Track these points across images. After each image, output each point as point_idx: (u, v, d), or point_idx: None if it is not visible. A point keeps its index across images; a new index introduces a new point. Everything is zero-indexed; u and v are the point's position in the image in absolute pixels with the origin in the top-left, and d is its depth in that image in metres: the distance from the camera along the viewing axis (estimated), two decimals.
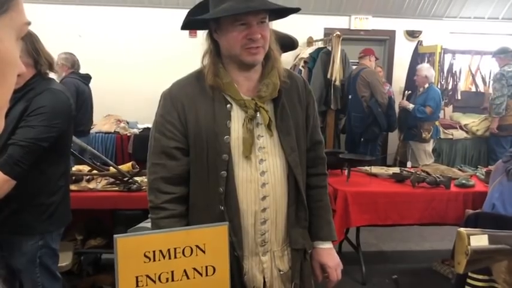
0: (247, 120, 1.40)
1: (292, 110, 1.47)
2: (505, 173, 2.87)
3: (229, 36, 1.35)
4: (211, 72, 1.40)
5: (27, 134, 1.89)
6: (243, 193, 1.41)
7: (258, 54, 1.37)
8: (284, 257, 1.52)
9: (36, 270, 2.06)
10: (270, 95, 1.42)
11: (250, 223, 1.43)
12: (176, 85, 1.49)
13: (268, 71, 1.44)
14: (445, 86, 6.44)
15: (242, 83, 1.43)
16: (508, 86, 5.46)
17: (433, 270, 3.83)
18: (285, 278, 1.52)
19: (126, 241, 1.12)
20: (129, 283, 1.12)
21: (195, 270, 1.18)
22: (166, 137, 1.42)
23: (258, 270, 1.48)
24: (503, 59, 5.59)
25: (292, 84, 1.50)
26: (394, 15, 6.92)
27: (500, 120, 5.56)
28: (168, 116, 1.43)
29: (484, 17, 7.11)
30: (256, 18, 1.34)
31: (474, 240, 1.22)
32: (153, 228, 1.41)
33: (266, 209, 1.43)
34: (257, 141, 1.42)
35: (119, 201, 2.98)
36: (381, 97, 5.16)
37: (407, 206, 3.39)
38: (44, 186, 2.05)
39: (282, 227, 1.49)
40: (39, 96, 1.96)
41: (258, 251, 1.47)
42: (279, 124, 1.44)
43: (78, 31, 6.34)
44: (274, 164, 1.44)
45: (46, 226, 2.07)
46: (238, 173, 1.40)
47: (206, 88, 1.41)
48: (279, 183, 1.44)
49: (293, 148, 1.45)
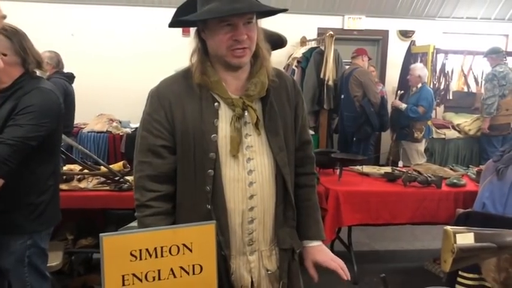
0: (235, 119, 1.39)
1: (281, 109, 1.47)
2: (495, 172, 2.88)
3: (215, 36, 1.35)
4: (198, 70, 1.40)
5: (15, 132, 1.87)
6: (230, 192, 1.41)
7: (243, 57, 1.37)
8: (272, 256, 1.51)
9: (24, 270, 2.05)
10: (258, 93, 1.42)
11: (237, 222, 1.43)
12: (163, 83, 1.48)
13: (256, 69, 1.43)
14: (438, 86, 6.47)
15: (230, 81, 1.43)
16: (500, 86, 5.49)
17: (424, 269, 3.85)
18: (272, 277, 1.51)
19: (112, 240, 1.11)
20: (116, 282, 1.12)
21: (182, 269, 1.17)
22: (153, 135, 1.42)
23: (245, 270, 1.48)
24: (494, 59, 5.63)
25: (281, 84, 1.50)
26: (387, 15, 6.94)
27: (492, 120, 5.58)
28: (155, 114, 1.42)
29: (477, 17, 7.15)
30: (242, 19, 1.33)
31: (460, 238, 1.22)
32: (139, 226, 1.40)
33: (253, 208, 1.43)
34: (245, 140, 1.41)
35: (110, 201, 2.97)
36: (374, 97, 5.17)
37: (399, 205, 3.40)
38: (33, 186, 2.04)
39: (270, 226, 1.48)
40: (28, 95, 1.95)
41: (245, 250, 1.46)
42: (267, 123, 1.43)
43: (70, 30, 6.31)
44: (262, 163, 1.43)
45: (35, 226, 2.05)
46: (225, 172, 1.40)
47: (193, 86, 1.40)
48: (267, 183, 1.44)
49: (281, 147, 1.44)
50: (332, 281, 1.73)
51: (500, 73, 5.51)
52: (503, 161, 2.89)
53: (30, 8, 6.01)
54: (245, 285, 1.48)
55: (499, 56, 5.63)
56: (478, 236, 1.24)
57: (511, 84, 5.56)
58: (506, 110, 5.59)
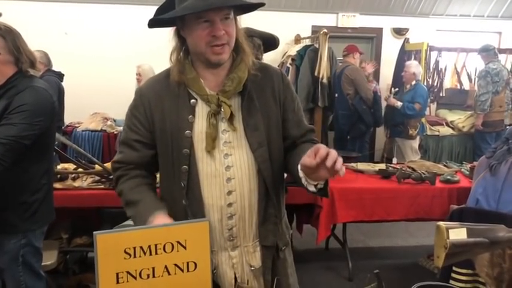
0: (210, 115, 1.39)
1: (263, 104, 1.45)
2: (488, 168, 2.90)
3: (193, 33, 1.35)
4: (176, 68, 1.41)
5: (8, 131, 1.87)
6: (207, 188, 1.41)
7: (223, 54, 1.37)
8: (256, 253, 1.50)
9: (19, 269, 2.05)
10: (234, 89, 1.41)
11: (216, 218, 1.43)
12: (147, 82, 1.52)
13: (236, 64, 1.44)
14: (431, 83, 6.50)
15: (209, 78, 1.43)
16: (493, 83, 5.52)
17: (418, 266, 3.88)
18: (257, 273, 1.51)
19: (106, 238, 1.11)
20: (110, 280, 1.12)
21: (176, 266, 1.18)
22: (131, 130, 1.46)
23: (228, 266, 1.48)
24: (485, 57, 5.66)
25: (266, 77, 1.48)
26: (381, 13, 6.96)
27: (485, 116, 5.61)
28: (135, 111, 1.46)
29: (470, 14, 7.18)
30: (219, 15, 1.32)
31: (453, 234, 1.23)
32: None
33: (232, 204, 1.42)
34: (222, 136, 1.41)
35: (104, 199, 2.96)
36: (365, 93, 5.19)
37: (393, 202, 3.42)
38: (27, 185, 2.04)
39: (252, 222, 1.47)
40: (21, 93, 1.95)
41: (226, 246, 1.46)
42: (246, 118, 1.42)
43: (64, 28, 6.28)
44: (240, 158, 1.42)
45: (29, 225, 2.05)
46: (202, 168, 1.40)
47: (172, 84, 1.42)
48: (246, 178, 1.43)
49: (261, 143, 1.43)
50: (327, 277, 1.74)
51: (493, 70, 5.54)
52: (496, 157, 2.90)
53: (23, 7, 5.98)
54: (229, 281, 1.48)
55: (490, 54, 5.66)
56: (471, 231, 1.25)
57: (504, 81, 5.60)
58: (499, 106, 5.63)
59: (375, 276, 1.34)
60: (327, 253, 4.15)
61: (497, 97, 5.60)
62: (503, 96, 5.64)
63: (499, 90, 5.59)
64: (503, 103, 5.65)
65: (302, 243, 4.01)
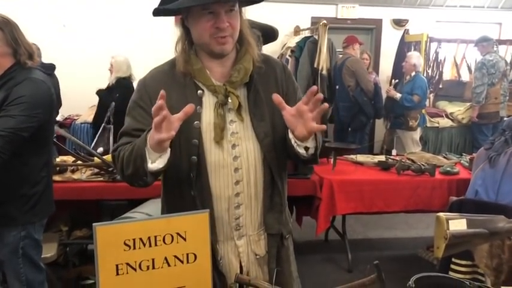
0: (218, 105, 1.40)
1: (268, 95, 1.44)
2: (487, 160, 2.90)
3: (198, 24, 1.35)
4: (182, 59, 1.41)
5: (7, 123, 1.86)
6: (215, 178, 1.41)
7: (226, 44, 1.37)
8: (260, 241, 1.51)
9: (19, 261, 2.05)
10: (240, 80, 1.42)
11: (224, 208, 1.44)
12: (151, 73, 1.49)
13: (241, 56, 1.44)
14: (431, 74, 6.49)
15: (215, 69, 1.43)
16: (489, 75, 5.50)
17: (418, 257, 3.90)
18: (262, 262, 1.52)
19: (106, 229, 1.11)
20: (110, 271, 1.12)
21: (176, 258, 1.17)
22: (136, 120, 1.43)
23: (234, 255, 1.49)
24: (485, 47, 5.63)
25: (269, 69, 1.49)
26: (381, 4, 6.93)
27: (481, 108, 5.60)
28: (141, 101, 1.44)
29: (470, 5, 7.15)
30: (224, 7, 1.33)
31: (453, 225, 1.23)
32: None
33: (240, 194, 1.43)
34: (229, 127, 1.42)
35: (103, 192, 2.97)
36: (366, 85, 5.18)
37: (393, 194, 3.42)
38: (26, 177, 2.04)
39: (258, 211, 1.48)
40: (19, 85, 1.94)
41: (233, 235, 1.47)
42: (252, 109, 1.43)
43: (62, 21, 6.25)
44: (247, 149, 1.43)
45: (29, 217, 2.05)
46: (210, 158, 1.40)
47: (178, 75, 1.42)
48: (253, 168, 1.44)
49: (267, 133, 1.44)
50: (327, 268, 1.74)
51: (489, 62, 5.52)
52: (494, 148, 2.90)
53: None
54: (234, 270, 1.48)
55: (490, 44, 5.63)
56: (470, 222, 1.25)
57: (500, 72, 5.57)
58: (495, 98, 5.61)
59: (375, 268, 1.34)
60: (326, 245, 4.16)
61: (493, 89, 5.58)
62: (499, 88, 5.62)
63: (495, 82, 5.57)
64: (498, 95, 5.62)
65: (301, 235, 4.02)
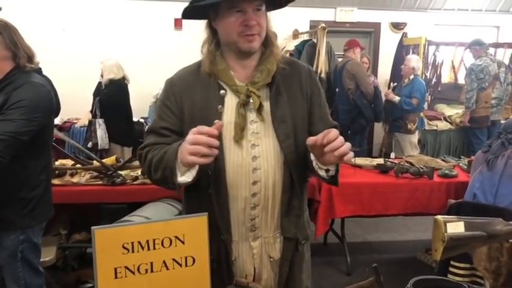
0: (239, 105, 1.41)
1: (291, 97, 1.47)
2: (485, 163, 2.91)
3: (226, 23, 1.38)
4: (207, 60, 1.44)
5: (6, 127, 1.86)
6: (233, 177, 1.42)
7: (254, 42, 1.39)
8: (276, 244, 1.51)
9: (17, 265, 2.05)
10: (263, 80, 1.43)
11: (240, 208, 1.44)
12: (178, 73, 1.53)
13: (265, 57, 1.46)
14: (429, 77, 6.50)
15: (239, 70, 1.46)
16: (478, 80, 5.51)
17: (417, 260, 3.90)
18: (275, 265, 1.52)
19: (104, 233, 1.11)
20: (108, 275, 1.12)
21: (175, 261, 1.17)
22: (161, 118, 1.47)
23: (248, 256, 1.49)
24: (477, 51, 5.63)
25: (294, 72, 1.51)
26: (379, 8, 6.95)
27: (472, 112, 5.62)
28: (166, 100, 1.47)
29: (468, 9, 7.17)
30: (252, 5, 1.36)
31: (451, 227, 1.23)
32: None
33: (257, 194, 1.43)
34: (250, 127, 1.42)
35: (103, 195, 2.97)
36: (366, 88, 5.19)
37: (391, 197, 3.42)
38: (25, 181, 2.04)
39: (275, 213, 1.48)
40: (19, 89, 1.94)
41: (248, 236, 1.48)
42: (274, 110, 1.44)
43: (61, 24, 6.26)
44: (267, 149, 1.43)
45: (27, 221, 2.05)
46: (229, 157, 1.41)
47: (203, 75, 1.45)
48: (272, 170, 1.43)
49: (288, 135, 1.44)
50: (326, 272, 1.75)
51: (478, 67, 5.53)
52: (492, 151, 2.91)
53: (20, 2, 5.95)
54: (248, 271, 1.49)
55: (482, 48, 5.63)
56: (468, 224, 1.25)
57: (491, 76, 5.56)
58: (485, 102, 5.61)
59: (373, 271, 1.34)
60: (325, 248, 4.16)
61: (484, 93, 5.59)
62: (489, 92, 5.62)
63: (485, 86, 5.57)
64: (489, 99, 5.63)
65: None
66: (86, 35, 6.28)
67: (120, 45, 6.39)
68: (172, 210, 2.84)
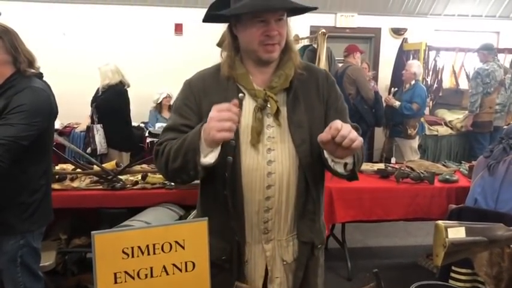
0: (257, 109, 1.43)
1: (308, 101, 1.49)
2: (486, 168, 2.90)
3: (248, 32, 1.40)
4: (226, 64, 1.46)
5: (6, 132, 1.86)
6: (247, 180, 1.43)
7: (274, 52, 1.42)
8: (289, 247, 1.52)
9: (17, 270, 2.04)
10: (281, 85, 1.45)
11: (254, 210, 1.46)
12: (196, 75, 1.55)
13: (283, 63, 1.48)
14: (430, 82, 6.51)
15: (257, 75, 1.48)
16: (484, 84, 5.50)
17: (417, 265, 3.88)
18: (288, 269, 1.52)
19: (104, 237, 1.10)
20: (108, 280, 1.11)
21: (175, 266, 1.17)
22: (182, 116, 1.48)
23: (260, 258, 1.50)
24: (485, 55, 5.63)
25: (311, 77, 1.52)
26: (380, 13, 6.96)
27: (475, 117, 5.61)
28: (186, 100, 1.49)
29: (468, 14, 7.19)
30: (274, 16, 1.38)
31: (452, 233, 1.23)
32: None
33: (270, 198, 1.45)
34: (266, 131, 1.44)
35: (103, 200, 2.96)
36: (367, 93, 5.19)
37: (392, 202, 3.42)
38: (25, 185, 2.03)
39: (288, 217, 1.49)
40: (20, 94, 1.94)
41: (260, 238, 1.49)
42: (290, 115, 1.46)
43: (62, 29, 6.28)
44: (283, 154, 1.44)
45: (27, 225, 2.05)
46: (244, 160, 1.42)
47: (222, 79, 1.47)
48: (287, 174, 1.44)
49: (304, 140, 1.45)
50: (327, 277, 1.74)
51: (484, 71, 5.52)
52: (494, 156, 2.91)
53: (21, 7, 5.97)
54: (259, 274, 1.50)
55: (491, 53, 5.63)
56: (469, 230, 1.25)
57: (496, 81, 5.56)
58: (489, 107, 5.61)
59: (374, 276, 1.33)
60: (325, 253, 4.07)
61: (488, 98, 5.58)
62: (494, 97, 5.61)
63: (490, 91, 5.56)
64: (493, 104, 5.62)
65: None
66: (86, 39, 6.30)
67: (121, 50, 6.40)
68: (172, 214, 2.83)
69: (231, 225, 1.44)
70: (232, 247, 1.46)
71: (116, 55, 6.35)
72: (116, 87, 4.87)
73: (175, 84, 6.73)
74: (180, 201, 2.93)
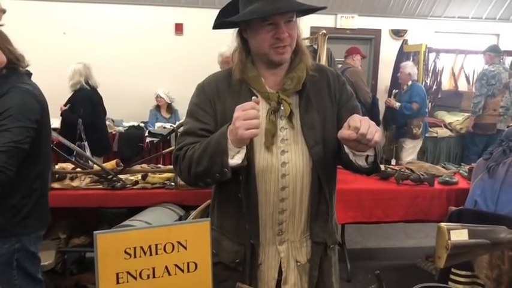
0: (270, 112, 1.43)
1: (320, 103, 1.49)
2: (486, 170, 2.90)
3: (258, 36, 1.40)
4: (238, 68, 1.47)
5: (4, 139, 1.81)
6: (262, 182, 1.44)
7: (285, 54, 1.42)
8: (302, 248, 1.53)
9: (13, 273, 1.99)
10: (293, 87, 1.45)
11: (268, 212, 1.46)
12: (209, 78, 1.55)
13: (295, 64, 1.48)
14: (429, 84, 6.51)
15: (269, 77, 1.48)
16: (488, 86, 5.48)
17: (417, 267, 3.88)
18: (301, 270, 1.53)
19: (106, 237, 1.10)
20: (110, 280, 1.11)
21: (177, 267, 1.16)
22: (199, 121, 1.47)
23: (274, 260, 1.51)
24: (492, 57, 5.61)
25: (322, 78, 1.52)
26: (380, 14, 6.97)
27: (478, 118, 5.58)
28: (202, 104, 1.49)
29: (468, 16, 7.19)
30: (284, 18, 1.38)
31: (454, 235, 1.23)
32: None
33: (285, 200, 1.45)
34: (280, 133, 1.44)
35: (103, 200, 2.95)
36: (364, 96, 5.20)
37: (392, 203, 3.41)
38: (16, 188, 1.96)
39: (302, 218, 1.50)
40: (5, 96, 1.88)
41: (274, 240, 1.50)
42: (303, 116, 1.46)
43: (62, 28, 6.27)
44: (296, 156, 1.45)
45: (20, 229, 1.99)
46: (258, 162, 1.43)
47: (234, 83, 1.47)
48: (300, 176, 1.45)
49: (317, 141, 1.45)
50: None
51: (490, 72, 5.51)
52: (493, 158, 2.91)
53: (21, 6, 5.95)
54: (272, 275, 1.51)
55: (497, 56, 5.63)
56: (472, 232, 1.25)
57: (501, 84, 5.55)
58: (493, 110, 5.59)
59: (376, 277, 1.33)
60: None
61: (493, 100, 5.56)
62: (499, 99, 5.59)
63: (496, 93, 5.54)
64: (498, 106, 5.60)
65: None
66: (86, 39, 6.28)
67: (121, 50, 6.40)
68: (173, 215, 2.83)
69: (246, 227, 1.45)
70: (246, 249, 1.47)
71: (116, 54, 6.36)
72: (85, 92, 4.74)
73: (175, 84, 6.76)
74: (180, 202, 2.92)
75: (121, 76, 6.26)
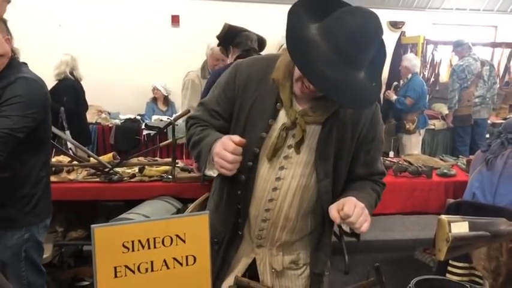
0: (283, 127, 1.39)
1: (340, 136, 1.42)
2: (484, 162, 2.90)
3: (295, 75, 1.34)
4: (282, 71, 1.38)
5: (1, 124, 1.81)
6: (258, 186, 1.46)
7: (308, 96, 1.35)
8: (278, 256, 1.55)
9: (21, 264, 2.02)
10: (315, 118, 1.38)
11: (254, 214, 1.50)
12: (248, 61, 1.50)
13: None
14: (427, 76, 6.51)
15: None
16: (460, 80, 5.58)
17: (414, 259, 3.89)
18: (279, 276, 1.57)
19: (104, 231, 1.08)
20: (108, 274, 1.09)
21: (175, 260, 1.15)
22: (216, 101, 1.49)
23: (248, 257, 1.56)
24: (460, 52, 5.75)
25: (352, 113, 1.42)
26: (377, 6, 6.91)
27: (455, 111, 5.71)
28: (226, 85, 1.48)
29: (466, 8, 7.18)
30: None
31: (455, 227, 1.22)
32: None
33: (270, 210, 1.47)
34: (286, 150, 1.42)
35: (100, 193, 2.94)
36: None
37: (390, 196, 3.40)
38: (26, 178, 2.00)
39: (283, 235, 1.52)
40: (13, 84, 1.89)
41: (253, 240, 1.55)
42: (320, 148, 1.41)
43: (57, 20, 6.22)
44: (293, 176, 1.43)
45: (31, 218, 2.02)
46: (260, 168, 1.45)
47: (269, 77, 1.40)
48: (291, 195, 1.45)
49: (327, 174, 1.43)
50: None
51: (459, 67, 5.61)
52: (491, 151, 2.90)
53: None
54: (242, 266, 1.56)
55: (464, 48, 5.72)
56: (472, 224, 1.24)
57: (473, 75, 5.63)
58: (467, 101, 5.70)
59: (375, 270, 1.33)
60: None
61: (466, 92, 5.67)
62: (472, 90, 5.69)
63: (467, 85, 5.64)
64: (471, 97, 5.70)
65: None
66: (82, 31, 6.24)
67: (117, 42, 6.36)
68: (170, 207, 2.82)
69: (238, 220, 1.51)
70: (226, 234, 1.53)
71: (112, 46, 6.32)
72: (69, 82, 4.75)
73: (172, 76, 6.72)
74: (178, 194, 2.92)
75: (117, 68, 6.23)
